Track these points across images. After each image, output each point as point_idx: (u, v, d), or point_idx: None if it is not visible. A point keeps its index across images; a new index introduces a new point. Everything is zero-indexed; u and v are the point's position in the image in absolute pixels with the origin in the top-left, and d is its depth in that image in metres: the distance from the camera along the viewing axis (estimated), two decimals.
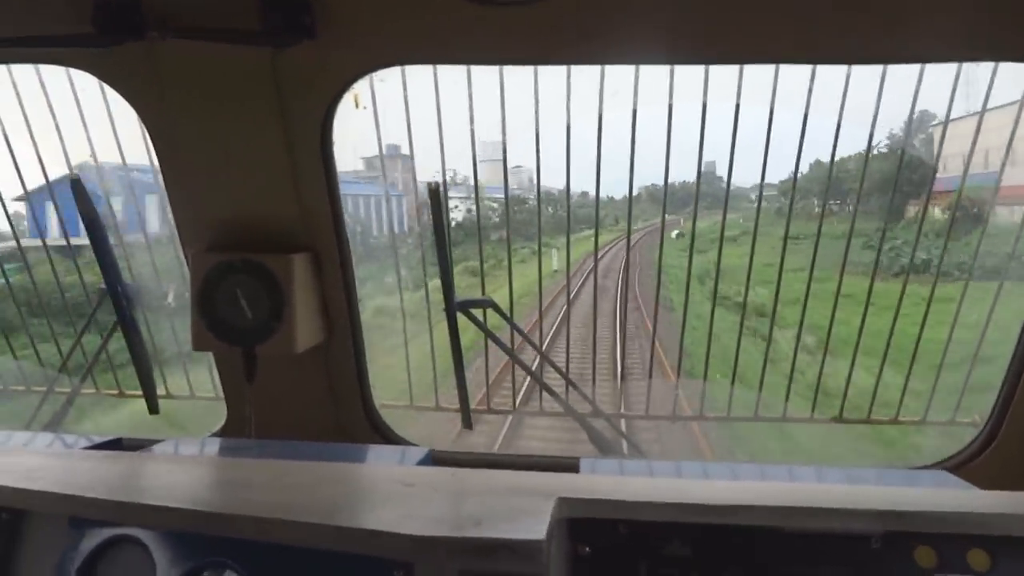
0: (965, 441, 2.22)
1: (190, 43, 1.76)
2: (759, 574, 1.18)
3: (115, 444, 2.00)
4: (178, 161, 2.02)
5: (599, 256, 3.01)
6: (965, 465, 2.18)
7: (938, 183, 2.39)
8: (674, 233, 11.96)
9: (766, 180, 2.40)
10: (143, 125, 2.02)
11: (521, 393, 3.58)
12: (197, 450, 1.99)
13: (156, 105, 1.94)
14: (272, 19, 1.70)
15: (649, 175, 2.53)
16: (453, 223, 2.91)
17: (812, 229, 2.61)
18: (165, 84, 1.89)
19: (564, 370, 2.48)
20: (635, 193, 2.61)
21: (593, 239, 2.78)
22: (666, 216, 3.01)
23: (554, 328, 7.73)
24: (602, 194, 2.50)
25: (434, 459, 1.92)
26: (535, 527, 1.11)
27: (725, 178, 2.48)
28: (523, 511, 1.19)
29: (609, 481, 1.49)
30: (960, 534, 1.16)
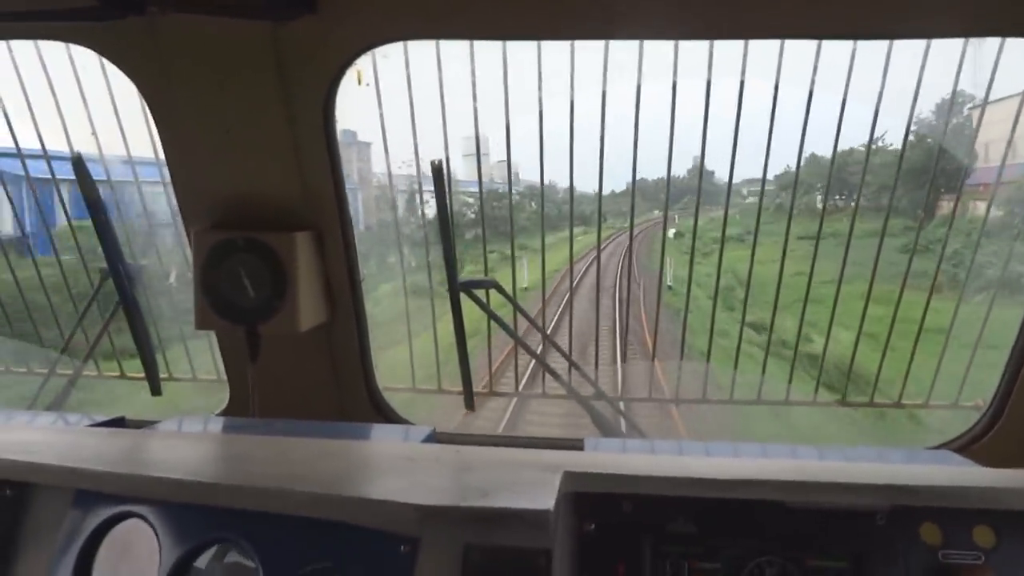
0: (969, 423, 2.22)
1: (191, 17, 1.75)
2: (763, 551, 1.18)
3: (118, 422, 2.00)
4: (179, 138, 2.01)
5: (575, 266, 2.95)
6: (970, 446, 2.18)
7: (979, 174, 2.32)
8: (671, 232, 11.86)
9: (750, 176, 2.37)
10: (144, 102, 2.01)
11: (525, 376, 3.59)
12: (200, 428, 1.99)
13: (158, 81, 1.93)
14: None
15: (639, 169, 2.51)
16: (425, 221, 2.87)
17: (815, 228, 2.53)
18: (166, 60, 1.88)
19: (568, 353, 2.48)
20: (623, 188, 2.58)
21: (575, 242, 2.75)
22: (658, 213, 2.96)
23: (556, 316, 7.78)
24: (590, 189, 2.48)
25: (437, 439, 1.92)
26: (543, 498, 1.12)
27: (718, 173, 2.45)
28: (530, 483, 1.20)
29: (613, 458, 1.49)
30: (965, 510, 1.17)
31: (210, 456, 1.50)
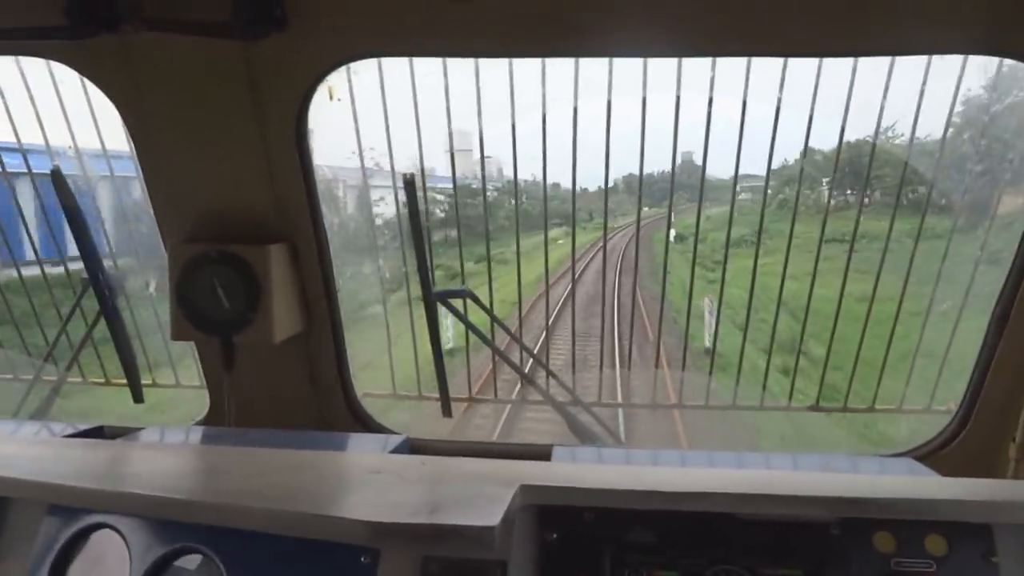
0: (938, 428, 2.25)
1: (164, 36, 1.77)
2: (721, 560, 1.21)
3: (97, 432, 2.03)
4: (156, 153, 2.04)
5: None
6: (936, 453, 2.21)
7: None
8: (672, 234, 11.60)
9: (743, 172, 2.38)
10: (121, 117, 2.04)
11: (519, 386, 3.60)
12: (176, 439, 2.03)
13: (133, 97, 1.96)
14: (243, 12, 1.72)
15: (627, 164, 2.46)
16: (381, 219, 2.86)
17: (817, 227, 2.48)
18: (140, 77, 1.90)
19: (544, 361, 2.51)
20: (610, 184, 2.58)
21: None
22: (647, 210, 2.95)
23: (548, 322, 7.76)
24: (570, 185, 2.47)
25: (411, 447, 1.96)
26: (490, 513, 1.14)
27: (711, 169, 2.44)
28: (485, 498, 1.22)
29: (577, 469, 1.52)
30: (918, 520, 1.19)
31: (179, 469, 1.53)
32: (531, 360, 2.84)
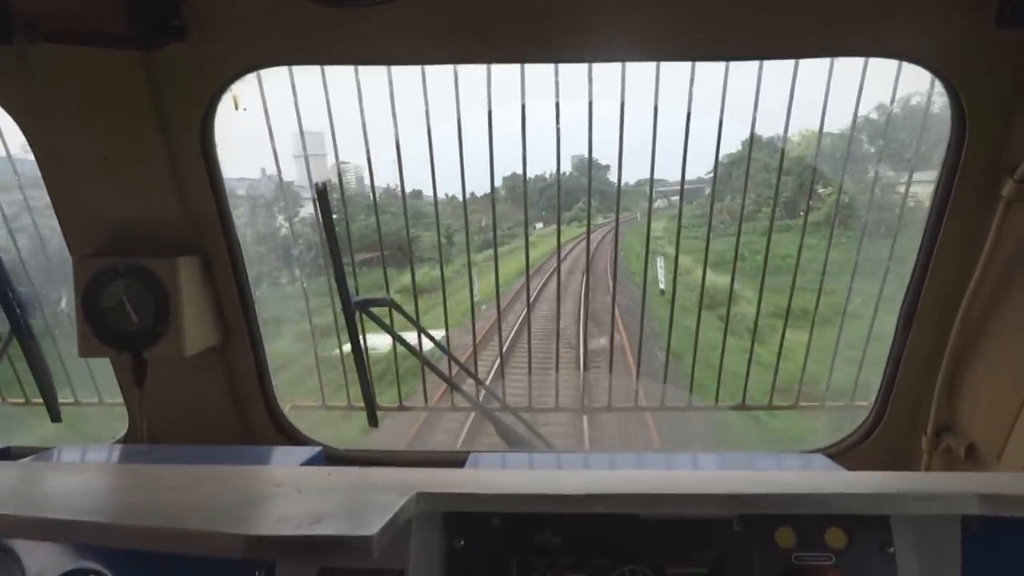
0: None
1: (62, 47, 1.73)
2: (627, 560, 1.22)
3: (3, 454, 1.97)
4: (58, 166, 1.99)
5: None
6: (853, 449, 2.26)
7: None
8: (660, 283, 11.17)
9: (658, 176, 2.41)
10: (21, 130, 1.98)
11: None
12: (85, 457, 1.97)
13: (32, 111, 1.91)
14: (139, 22, 1.69)
15: (508, 164, 2.44)
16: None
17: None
18: (40, 89, 1.86)
19: (473, 370, 2.50)
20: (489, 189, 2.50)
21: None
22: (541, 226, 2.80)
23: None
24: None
25: (328, 458, 1.93)
26: (372, 522, 1.13)
27: (612, 173, 2.46)
28: (376, 507, 1.21)
29: (484, 474, 1.52)
30: (818, 514, 1.21)
31: (77, 488, 1.48)
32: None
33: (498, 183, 2.41)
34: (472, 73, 1.97)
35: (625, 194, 2.37)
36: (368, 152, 2.32)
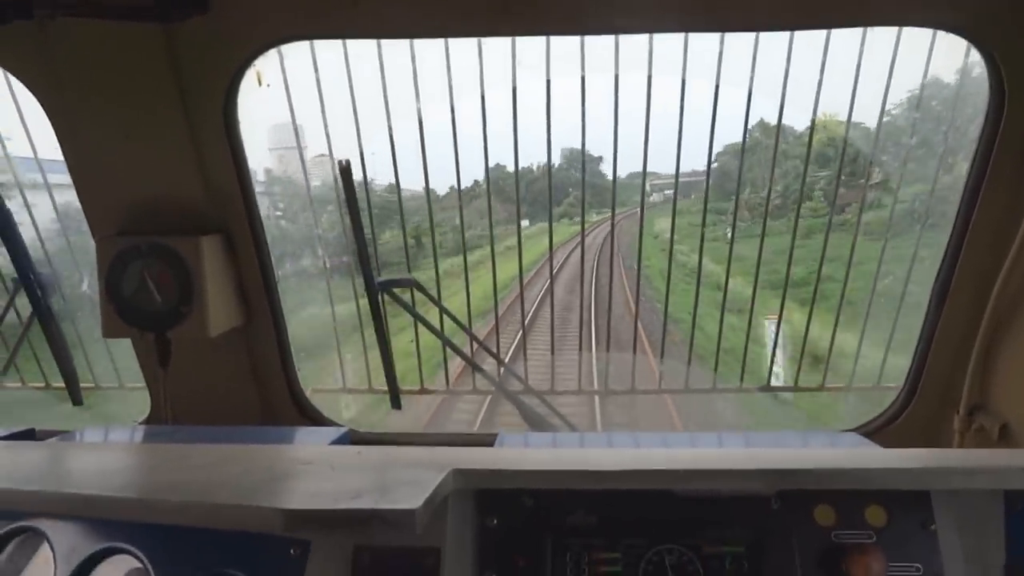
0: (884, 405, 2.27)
1: (83, 21, 1.71)
2: (662, 540, 1.20)
3: (28, 435, 1.96)
4: (79, 145, 1.97)
5: None
6: (884, 428, 2.23)
7: None
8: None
9: (651, 169, 2.36)
10: (42, 108, 1.96)
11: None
12: (110, 438, 1.96)
13: (53, 87, 1.89)
14: None
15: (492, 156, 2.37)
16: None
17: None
18: (59, 65, 1.84)
19: (495, 350, 2.48)
20: (468, 184, 2.45)
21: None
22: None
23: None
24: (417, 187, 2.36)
25: (353, 440, 1.91)
26: (414, 496, 1.11)
27: (605, 165, 2.42)
28: (413, 483, 1.19)
29: (515, 453, 1.50)
30: (857, 491, 1.19)
31: (104, 467, 1.48)
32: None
33: (480, 176, 2.36)
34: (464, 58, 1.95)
35: (620, 187, 2.32)
36: (391, 134, 2.29)
